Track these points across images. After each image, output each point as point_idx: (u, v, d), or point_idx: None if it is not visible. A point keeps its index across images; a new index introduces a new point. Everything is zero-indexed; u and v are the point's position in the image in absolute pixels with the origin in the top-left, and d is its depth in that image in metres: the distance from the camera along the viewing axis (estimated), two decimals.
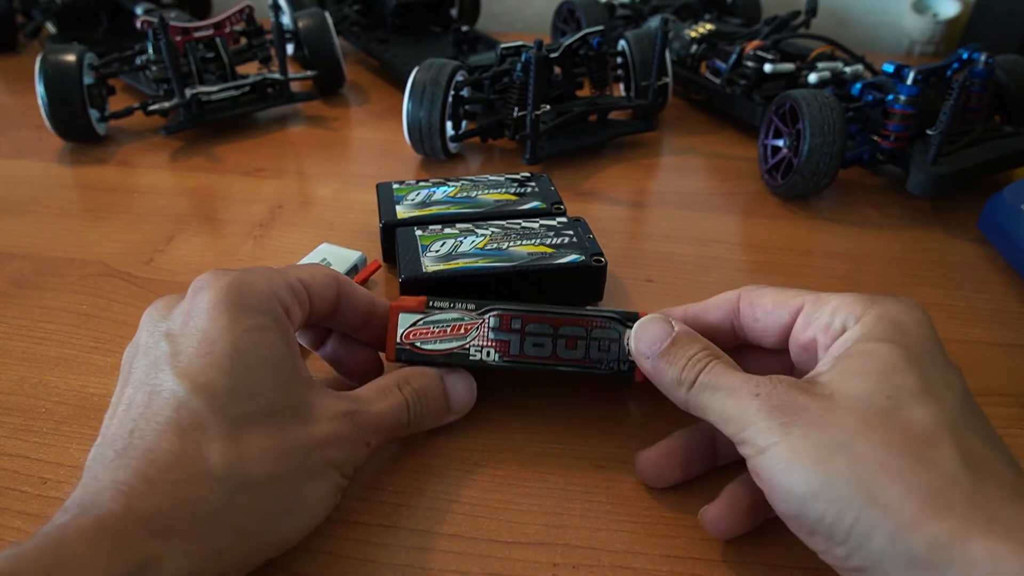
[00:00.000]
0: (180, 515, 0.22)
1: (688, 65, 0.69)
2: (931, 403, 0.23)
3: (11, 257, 0.45)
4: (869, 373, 0.24)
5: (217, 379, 0.24)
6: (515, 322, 0.30)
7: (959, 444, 0.22)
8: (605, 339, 0.30)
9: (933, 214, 0.52)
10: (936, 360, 0.24)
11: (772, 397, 0.24)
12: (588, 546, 0.28)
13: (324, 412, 0.26)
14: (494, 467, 0.31)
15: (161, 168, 0.57)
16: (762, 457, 0.23)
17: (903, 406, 0.23)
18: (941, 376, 0.24)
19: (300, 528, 0.25)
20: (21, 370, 0.36)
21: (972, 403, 0.24)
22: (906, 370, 0.23)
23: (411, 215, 0.41)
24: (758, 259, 0.46)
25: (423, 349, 0.30)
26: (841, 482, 0.21)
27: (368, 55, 0.76)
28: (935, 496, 0.21)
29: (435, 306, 0.31)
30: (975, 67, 0.51)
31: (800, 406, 0.23)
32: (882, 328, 0.25)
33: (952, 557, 0.20)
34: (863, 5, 0.92)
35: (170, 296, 0.28)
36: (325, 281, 0.29)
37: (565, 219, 0.40)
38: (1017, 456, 0.32)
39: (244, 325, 0.25)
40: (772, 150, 0.53)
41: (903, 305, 0.26)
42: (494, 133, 0.58)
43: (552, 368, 0.30)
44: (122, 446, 0.23)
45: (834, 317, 0.26)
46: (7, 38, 0.80)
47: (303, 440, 0.25)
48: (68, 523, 0.20)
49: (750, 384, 0.25)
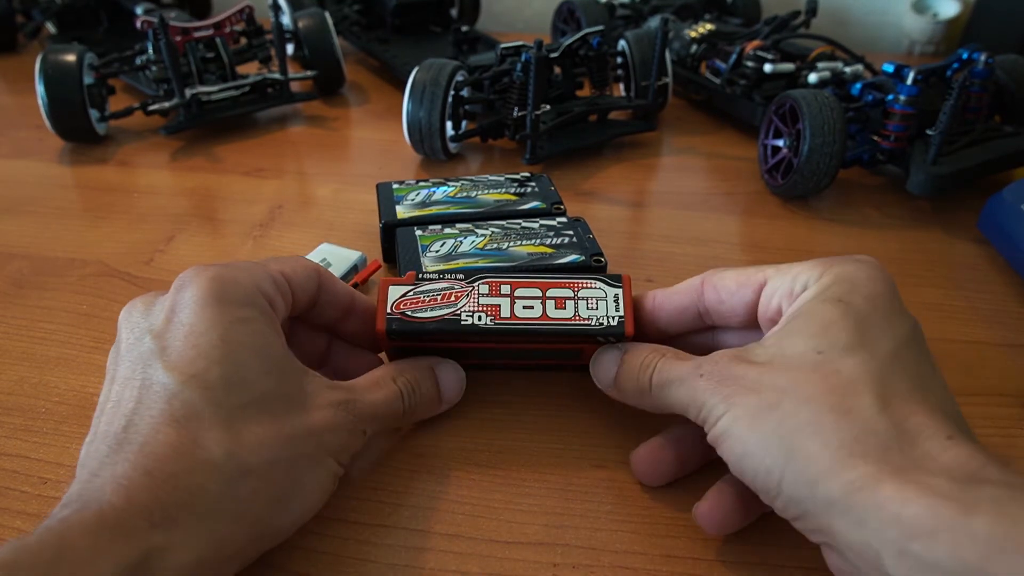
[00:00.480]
0: (181, 505, 0.22)
1: (688, 65, 0.69)
2: (860, 352, 0.24)
3: (11, 257, 0.45)
4: (806, 332, 0.25)
5: (208, 369, 0.24)
6: (504, 287, 0.30)
7: (881, 391, 0.23)
8: (592, 298, 0.30)
9: (933, 214, 0.52)
10: (883, 313, 0.25)
11: (714, 374, 0.25)
12: (588, 546, 0.28)
13: (319, 400, 0.26)
14: (494, 467, 0.31)
15: (161, 168, 0.57)
16: (713, 430, 0.25)
17: (832, 359, 0.24)
18: (881, 327, 0.25)
19: (299, 515, 0.26)
20: (21, 370, 0.36)
21: (913, 350, 0.25)
22: (841, 324, 0.24)
23: (411, 215, 0.41)
24: (758, 259, 0.46)
25: (414, 317, 0.30)
26: (770, 441, 0.23)
27: (368, 55, 0.76)
28: (850, 444, 0.22)
29: (425, 278, 0.31)
30: (975, 67, 0.51)
31: (738, 375, 0.25)
32: (834, 288, 0.25)
33: (864, 501, 0.21)
34: (863, 5, 0.92)
35: (146, 295, 0.28)
36: (306, 273, 0.29)
37: (565, 219, 0.40)
38: (1017, 456, 0.32)
39: (231, 317, 0.25)
40: (772, 150, 0.53)
41: (860, 264, 0.27)
42: (494, 133, 0.58)
43: (545, 329, 0.30)
44: (117, 441, 0.23)
45: (795, 282, 0.27)
46: (7, 38, 0.80)
47: (299, 428, 0.25)
48: (69, 517, 0.20)
49: (694, 367, 0.26)
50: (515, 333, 0.30)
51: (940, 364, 0.37)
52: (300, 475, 0.25)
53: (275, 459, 0.24)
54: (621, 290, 0.30)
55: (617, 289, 0.30)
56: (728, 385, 0.25)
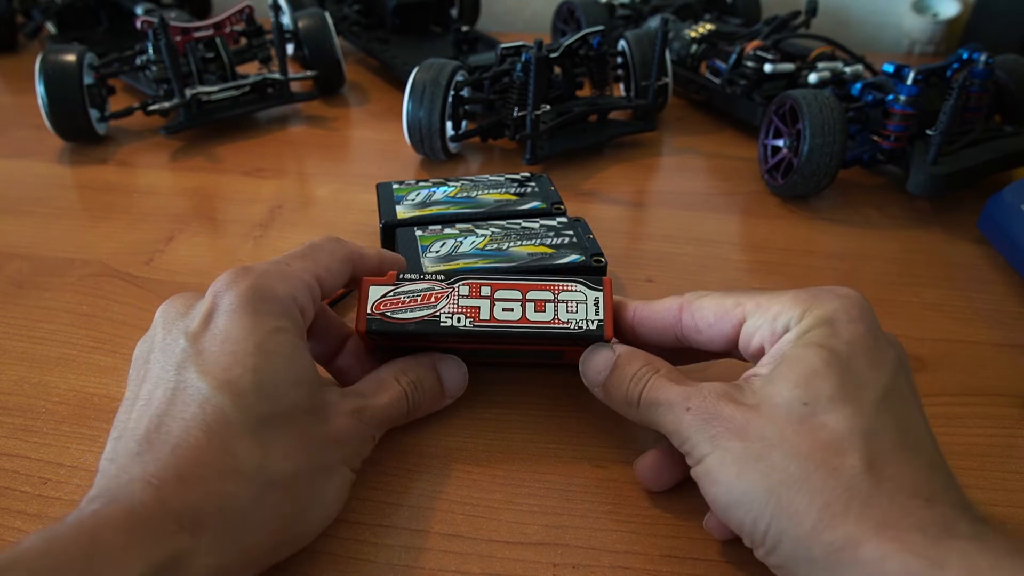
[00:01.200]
0: (210, 511, 0.22)
1: (688, 65, 0.69)
2: (846, 406, 0.24)
3: (11, 257, 0.45)
4: (792, 380, 0.25)
5: (242, 376, 0.24)
6: (484, 289, 0.30)
7: (867, 449, 0.23)
8: (572, 301, 0.30)
9: (933, 214, 0.52)
10: (866, 356, 0.25)
11: (701, 411, 0.25)
12: (588, 546, 0.28)
13: (337, 410, 0.27)
14: (494, 467, 0.31)
15: (161, 168, 0.57)
16: (697, 468, 0.25)
17: (818, 412, 0.24)
18: (865, 374, 0.25)
19: (319, 523, 0.26)
20: (21, 370, 0.36)
21: (898, 392, 0.25)
22: (824, 373, 0.24)
23: (412, 215, 0.41)
24: (758, 259, 0.46)
25: (393, 318, 0.30)
26: (757, 492, 0.23)
27: (368, 55, 0.76)
28: (834, 504, 0.22)
29: (405, 278, 0.31)
30: (975, 67, 0.51)
31: (726, 417, 0.25)
32: (815, 331, 0.25)
33: (845, 560, 0.21)
34: (863, 5, 0.92)
35: (186, 294, 0.28)
36: (340, 268, 0.30)
37: (565, 219, 0.40)
38: (1018, 456, 0.32)
39: (267, 327, 0.25)
40: (772, 150, 0.53)
41: (840, 301, 0.26)
42: (494, 133, 0.58)
43: (523, 332, 0.30)
44: (148, 440, 0.23)
45: (775, 322, 0.27)
46: (7, 38, 0.80)
47: (321, 438, 0.26)
48: (101, 511, 0.21)
49: (683, 397, 0.26)
50: (494, 336, 0.30)
51: (940, 364, 0.38)
52: (321, 485, 0.26)
53: (299, 470, 0.24)
54: (602, 294, 0.30)
55: (598, 293, 0.30)
56: (715, 425, 0.25)
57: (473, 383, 0.33)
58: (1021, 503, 0.30)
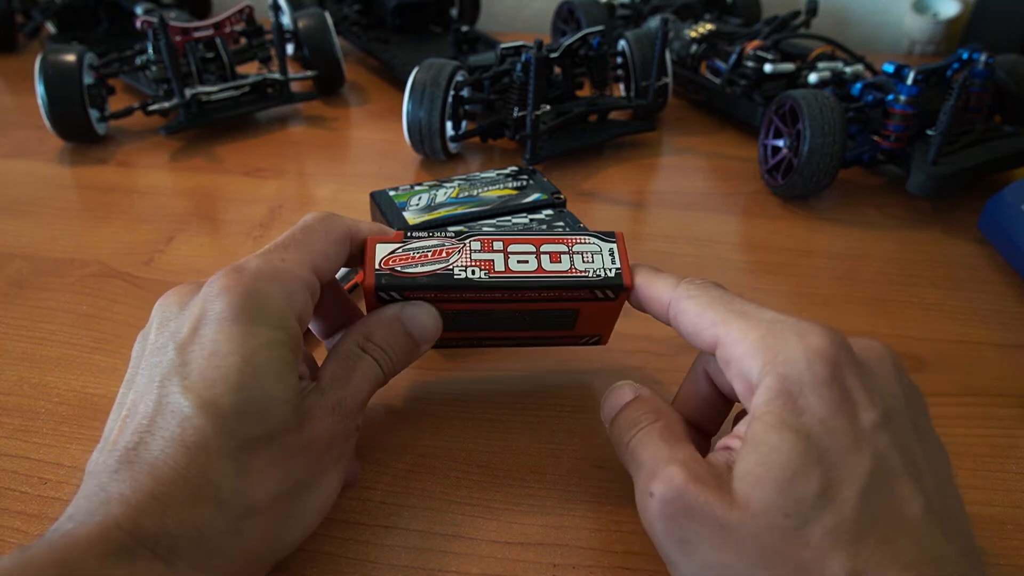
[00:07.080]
0: (185, 538, 0.21)
1: (688, 65, 0.69)
2: (826, 512, 0.22)
3: (11, 257, 0.45)
4: (769, 480, 0.22)
5: (224, 396, 0.23)
6: (496, 244, 0.29)
7: (851, 562, 0.21)
8: (587, 252, 0.30)
9: (933, 214, 0.52)
10: (842, 436, 0.22)
11: (666, 503, 0.23)
12: (588, 547, 0.28)
13: (317, 414, 0.26)
14: (494, 467, 0.31)
15: (161, 168, 0.57)
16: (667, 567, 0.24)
17: (800, 525, 0.22)
18: (842, 463, 0.22)
19: (297, 541, 0.26)
20: (21, 370, 0.36)
21: (885, 471, 0.22)
22: (804, 473, 0.22)
23: (423, 219, 0.41)
24: (758, 259, 0.46)
25: (404, 272, 0.28)
26: None
27: (368, 55, 0.76)
28: None
29: (414, 236, 0.29)
30: (975, 67, 0.51)
31: (702, 514, 0.22)
32: (779, 402, 0.23)
33: None
34: (863, 5, 0.92)
35: (184, 287, 0.27)
36: (337, 250, 0.28)
37: (552, 212, 0.40)
38: (1018, 456, 0.32)
39: (258, 340, 0.24)
40: (772, 150, 0.53)
41: (804, 355, 0.23)
42: (494, 133, 0.58)
43: (542, 282, 0.28)
44: (127, 458, 0.22)
45: (743, 369, 0.24)
46: (7, 38, 0.80)
47: (303, 450, 0.25)
48: (75, 533, 0.20)
49: (650, 474, 0.24)
50: (511, 287, 0.28)
51: (940, 364, 0.38)
52: (301, 503, 0.25)
53: (280, 492, 0.24)
54: (616, 244, 0.30)
55: (612, 244, 0.30)
56: (683, 527, 0.23)
57: (473, 383, 0.33)
58: (1021, 503, 0.30)
